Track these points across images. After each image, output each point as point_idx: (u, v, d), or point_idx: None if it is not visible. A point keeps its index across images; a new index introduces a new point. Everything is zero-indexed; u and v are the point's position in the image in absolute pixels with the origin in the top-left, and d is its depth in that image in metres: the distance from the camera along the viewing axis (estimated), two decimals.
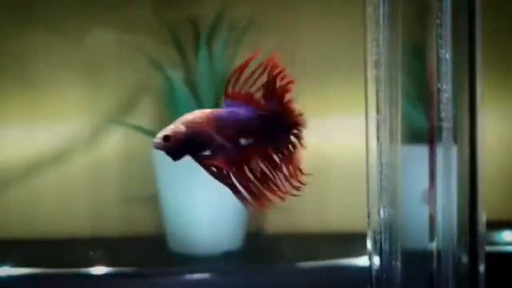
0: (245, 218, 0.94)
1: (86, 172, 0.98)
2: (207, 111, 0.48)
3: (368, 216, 0.62)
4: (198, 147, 0.48)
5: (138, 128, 0.96)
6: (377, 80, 0.62)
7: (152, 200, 0.97)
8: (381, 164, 0.61)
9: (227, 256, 0.91)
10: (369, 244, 0.62)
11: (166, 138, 0.47)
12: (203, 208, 0.91)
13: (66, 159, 0.97)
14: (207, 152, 0.48)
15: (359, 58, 0.78)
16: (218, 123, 0.48)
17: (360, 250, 0.83)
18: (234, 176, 0.48)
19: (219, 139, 0.48)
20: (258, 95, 0.48)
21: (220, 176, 0.48)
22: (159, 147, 0.47)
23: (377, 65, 0.62)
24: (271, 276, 0.87)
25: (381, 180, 0.61)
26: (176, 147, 0.47)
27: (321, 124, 0.94)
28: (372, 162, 0.62)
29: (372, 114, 0.62)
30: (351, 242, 0.87)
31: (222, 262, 0.91)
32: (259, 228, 0.99)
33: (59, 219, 0.98)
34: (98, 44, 0.96)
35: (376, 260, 0.61)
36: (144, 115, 0.99)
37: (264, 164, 0.48)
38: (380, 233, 0.61)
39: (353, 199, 0.93)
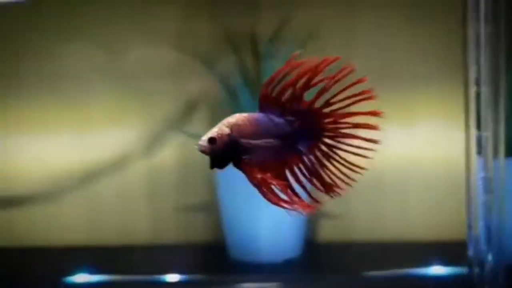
0: (305, 227, 0.95)
1: (144, 180, 0.99)
2: (246, 114, 0.47)
3: (469, 228, 0.64)
4: (239, 151, 0.46)
5: (196, 136, 0.96)
6: (478, 96, 0.64)
7: (209, 208, 0.98)
8: (483, 177, 0.63)
9: (288, 264, 0.92)
10: (470, 254, 0.64)
11: (211, 140, 0.45)
12: (265, 217, 0.92)
13: (125, 166, 0.98)
14: (246, 157, 0.48)
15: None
16: (257, 127, 0.47)
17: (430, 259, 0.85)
18: (273, 181, 0.48)
19: (260, 143, 0.48)
20: (292, 99, 0.47)
21: (258, 181, 0.48)
22: (203, 150, 0.45)
23: (477, 82, 0.64)
24: (333, 285, 0.88)
25: (481, 192, 0.63)
26: (221, 150, 0.46)
27: (407, 133, 0.96)
28: (473, 175, 0.64)
29: (472, 128, 0.64)
30: (425, 251, 0.90)
31: (284, 270, 0.91)
32: (318, 236, 1.00)
33: (117, 227, 0.98)
34: (158, 55, 0.97)
35: (477, 270, 0.63)
36: (201, 123, 0.99)
37: (299, 168, 0.48)
38: (480, 244, 0.63)
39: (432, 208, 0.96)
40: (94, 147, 0.97)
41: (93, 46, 0.97)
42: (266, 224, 0.93)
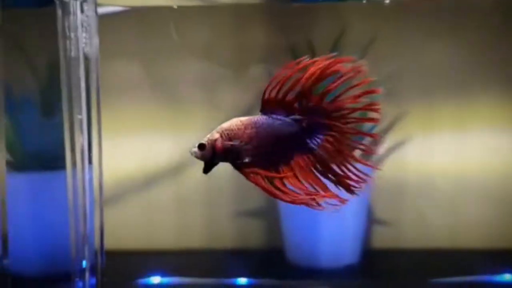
0: (364, 233, 0.95)
1: (202, 184, 0.99)
2: (244, 118, 0.50)
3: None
4: (236, 155, 0.48)
5: None
6: None
7: (267, 214, 0.98)
8: None
9: (347, 270, 0.92)
10: None
11: (201, 146, 0.48)
12: (324, 222, 0.92)
13: (183, 171, 0.99)
14: (247, 159, 0.49)
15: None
16: (256, 129, 0.49)
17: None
18: (273, 181, 0.48)
19: (256, 145, 0.49)
20: (298, 98, 0.49)
21: (259, 183, 0.49)
22: (195, 156, 0.48)
23: None
24: None
25: None
26: (210, 155, 0.49)
27: (459, 140, 0.96)
28: None
29: None
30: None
31: (343, 276, 0.91)
32: (373, 243, 0.99)
33: (175, 230, 0.99)
34: (220, 62, 0.99)
35: None
36: None
37: (313, 165, 0.49)
38: None
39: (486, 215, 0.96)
40: (153, 152, 0.99)
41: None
42: (325, 229, 0.93)
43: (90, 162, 0.70)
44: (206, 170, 0.49)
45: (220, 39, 0.98)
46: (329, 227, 0.92)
